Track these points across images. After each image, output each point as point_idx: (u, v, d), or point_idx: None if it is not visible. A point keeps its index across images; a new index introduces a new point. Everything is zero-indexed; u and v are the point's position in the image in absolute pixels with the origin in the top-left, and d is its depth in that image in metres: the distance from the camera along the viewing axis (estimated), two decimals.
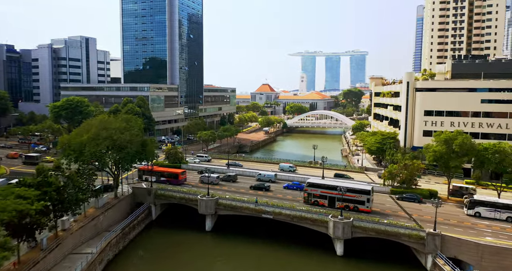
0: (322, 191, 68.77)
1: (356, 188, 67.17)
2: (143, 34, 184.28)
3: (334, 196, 66.58)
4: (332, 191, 67.00)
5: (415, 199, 73.46)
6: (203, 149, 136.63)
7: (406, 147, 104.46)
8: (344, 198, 64.86)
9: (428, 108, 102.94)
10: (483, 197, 67.34)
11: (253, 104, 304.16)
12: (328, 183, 70.71)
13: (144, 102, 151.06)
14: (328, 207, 67.10)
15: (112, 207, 69.82)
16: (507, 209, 63.05)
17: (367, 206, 65.17)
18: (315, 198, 69.17)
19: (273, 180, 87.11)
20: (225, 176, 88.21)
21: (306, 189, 70.68)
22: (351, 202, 66.10)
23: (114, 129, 65.90)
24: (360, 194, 65.81)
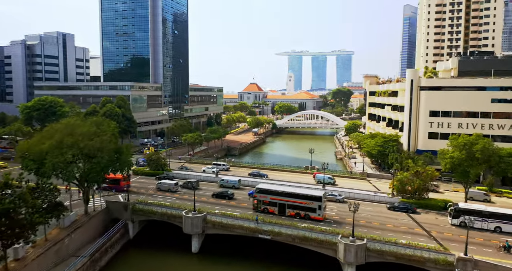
0: (272, 198, 63.39)
1: (306, 194, 61.86)
2: (124, 30, 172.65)
3: (284, 202, 62.00)
4: (282, 198, 62.35)
5: (408, 208, 66.36)
6: (189, 153, 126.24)
7: (410, 151, 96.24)
8: (294, 205, 60.89)
9: (433, 109, 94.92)
10: (469, 204, 61.34)
11: (241, 104, 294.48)
12: (278, 189, 65.47)
13: (125, 103, 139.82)
14: (278, 215, 62.24)
15: (82, 226, 59.30)
16: (496, 218, 57.52)
17: (318, 214, 60.16)
18: (264, 205, 63.95)
19: (236, 186, 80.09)
20: (185, 183, 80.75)
21: (256, 195, 64.92)
22: (302, 209, 61.30)
23: (81, 135, 55.35)
24: (311, 201, 60.69)
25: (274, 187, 67.59)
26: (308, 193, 62.73)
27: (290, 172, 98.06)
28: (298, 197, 61.44)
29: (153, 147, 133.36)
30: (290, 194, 62.41)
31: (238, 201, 72.04)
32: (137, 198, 70.48)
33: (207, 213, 60.00)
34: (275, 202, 63.02)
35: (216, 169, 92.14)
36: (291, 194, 62.33)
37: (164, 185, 77.53)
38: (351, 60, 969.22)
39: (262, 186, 67.53)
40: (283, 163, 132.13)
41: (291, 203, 61.51)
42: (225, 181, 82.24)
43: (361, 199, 71.96)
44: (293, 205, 61.12)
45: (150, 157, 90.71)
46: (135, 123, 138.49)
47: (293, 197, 61.76)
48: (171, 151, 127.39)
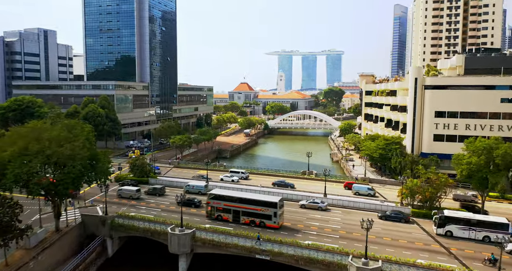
0: (226, 204, 59.52)
1: (261, 200, 58.00)
2: (109, 26, 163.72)
3: (239, 209, 58.29)
4: (236, 204, 58.56)
5: (400, 218, 60.83)
6: (177, 156, 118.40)
7: (414, 154, 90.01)
8: (249, 212, 57.08)
9: (439, 109, 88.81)
10: (455, 212, 56.37)
11: (231, 104, 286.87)
12: (232, 195, 61.54)
13: (109, 103, 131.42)
14: (233, 223, 58.29)
15: (51, 245, 51.48)
16: (484, 226, 53.07)
17: (274, 221, 56.32)
18: (218, 212, 60.00)
19: (203, 192, 74.31)
20: (150, 189, 74.61)
21: (209, 202, 61.08)
22: (257, 216, 57.38)
23: (49, 141, 47.47)
24: (267, 207, 56.69)
25: (228, 192, 63.55)
26: (263, 199, 58.92)
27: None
28: (252, 203, 57.55)
29: (139, 149, 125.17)
30: (245, 200, 58.49)
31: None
32: (117, 210, 62.83)
33: (196, 229, 52.53)
34: (229, 209, 59.11)
35: (234, 178, 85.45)
36: (246, 200, 58.40)
37: (126, 192, 71.08)
38: (341, 60, 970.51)
39: (216, 191, 63.51)
40: (277, 166, 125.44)
41: (246, 210, 57.69)
42: (190, 186, 76.34)
43: (367, 209, 65.53)
44: (247, 211, 57.32)
45: (134, 162, 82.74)
46: (119, 125, 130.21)
47: (248, 203, 57.83)
48: (157, 155, 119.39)
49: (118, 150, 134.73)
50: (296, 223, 59.85)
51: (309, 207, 66.94)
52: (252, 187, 77.35)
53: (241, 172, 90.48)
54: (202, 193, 74.21)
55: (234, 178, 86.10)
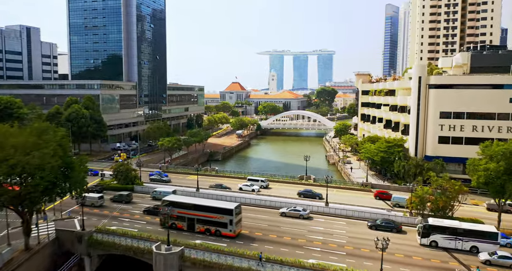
0: (180, 211, 55.72)
1: (216, 207, 54.82)
2: (94, 23, 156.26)
3: (193, 217, 54.94)
4: (191, 211, 55.10)
5: (392, 227, 56.44)
6: (166, 161, 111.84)
7: (418, 157, 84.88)
8: (204, 220, 53.90)
9: (444, 109, 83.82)
10: (441, 220, 52.01)
11: (223, 104, 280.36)
12: (185, 201, 57.96)
13: (93, 103, 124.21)
14: (187, 231, 54.99)
15: (20, 266, 44.97)
16: (472, 236, 49.57)
17: (230, 229, 53.21)
18: (172, 220, 55.37)
19: None
20: (115, 196, 69.32)
21: (161, 208, 55.94)
22: (212, 224, 54.21)
23: (14, 148, 40.90)
24: (222, 215, 53.47)
25: (182, 199, 59.68)
26: (217, 205, 55.62)
27: (285, 183, 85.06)
28: (207, 210, 54.31)
29: (125, 152, 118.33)
30: (199, 207, 55.12)
31: None
32: (97, 223, 56.39)
33: (185, 246, 46.34)
34: (184, 216, 55.48)
35: (255, 187, 77.78)
36: (200, 207, 55.05)
37: (88, 199, 64.40)
38: (332, 60, 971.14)
39: (170, 197, 59.39)
40: (271, 169, 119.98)
41: (201, 218, 54.57)
42: (157, 192, 70.11)
43: (356, 218, 61.17)
44: (202, 219, 54.20)
45: (118, 168, 76.07)
46: (105, 127, 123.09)
47: (202, 210, 54.54)
48: (144, 158, 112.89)
49: (104, 152, 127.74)
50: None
51: (290, 215, 62.29)
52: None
53: (261, 180, 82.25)
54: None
55: (255, 187, 77.82)
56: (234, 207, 53.76)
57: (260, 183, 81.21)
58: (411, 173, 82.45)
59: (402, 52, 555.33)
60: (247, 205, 66.22)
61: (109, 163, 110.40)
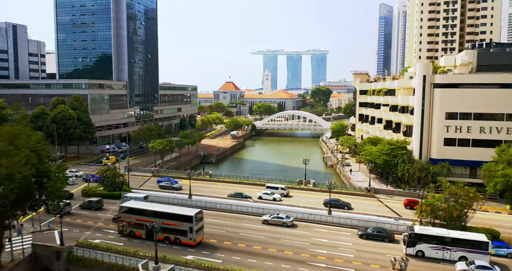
0: (138, 219, 52.59)
1: (175, 214, 51.54)
2: (82, 20, 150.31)
3: (152, 224, 49.00)
4: (149, 218, 51.33)
5: (384, 236, 52.51)
6: (157, 164, 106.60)
7: (423, 160, 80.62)
8: (163, 227, 49.35)
9: (450, 110, 79.62)
10: (428, 228, 49.36)
11: (216, 104, 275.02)
12: (143, 207, 54.34)
13: (81, 103, 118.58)
14: (146, 239, 51.66)
15: None
16: (461, 245, 46.35)
17: (190, 238, 50.12)
18: (130, 228, 53.05)
19: None
20: (85, 203, 65.67)
21: (120, 216, 54.07)
22: (172, 232, 50.93)
23: None
24: (181, 222, 50.33)
25: (141, 205, 55.94)
26: (177, 211, 52.10)
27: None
28: (166, 217, 51.07)
29: (114, 155, 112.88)
30: (158, 214, 51.83)
31: None
32: (80, 235, 51.25)
33: (175, 264, 41.41)
34: (142, 224, 51.79)
35: (276, 195, 71.60)
36: (159, 214, 51.79)
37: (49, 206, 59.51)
38: (326, 60, 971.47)
39: (128, 203, 55.99)
40: (268, 172, 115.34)
41: (160, 225, 49.70)
42: (128, 198, 65.34)
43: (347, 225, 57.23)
44: (162, 227, 49.34)
45: (104, 173, 70.80)
46: (93, 128, 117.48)
47: (161, 217, 51.03)
48: (133, 162, 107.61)
49: (92, 155, 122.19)
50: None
51: (273, 223, 58.25)
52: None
53: (281, 187, 75.66)
54: None
55: (276, 196, 71.27)
56: (194, 214, 50.27)
57: (280, 191, 74.54)
58: (416, 177, 78.28)
59: (396, 52, 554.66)
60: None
61: (97, 166, 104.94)
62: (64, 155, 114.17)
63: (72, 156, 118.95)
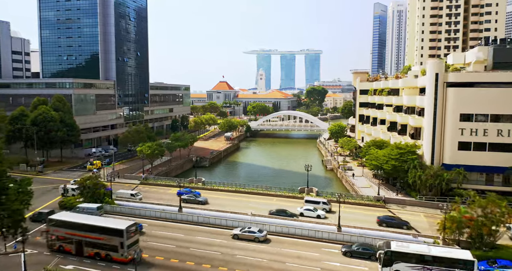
0: (67, 232, 47.93)
1: (104, 227, 46.57)
2: (67, 15, 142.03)
3: (81, 238, 47.20)
4: (78, 232, 47.21)
5: (370, 254, 46.74)
6: (146, 169, 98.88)
7: (435, 165, 74.00)
8: (93, 242, 46.01)
9: (465, 111, 73.05)
10: (405, 245, 43.56)
11: (210, 104, 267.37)
12: (73, 220, 49.10)
13: (64, 104, 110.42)
14: (76, 255, 47.19)
15: None
16: (443, 264, 40.82)
17: (121, 254, 45.08)
18: (60, 242, 48.30)
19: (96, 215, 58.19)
20: (35, 214, 59.38)
21: (48, 229, 49.31)
22: (102, 247, 46.07)
23: None
24: (111, 236, 45.43)
25: (72, 217, 50.50)
26: (106, 225, 46.87)
27: (282, 197, 73.13)
28: (95, 231, 46.42)
29: (100, 159, 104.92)
30: (87, 227, 47.05)
31: None
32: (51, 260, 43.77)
33: None
34: (71, 238, 47.54)
35: (320, 212, 62.82)
36: (88, 227, 47.03)
37: None
38: (320, 59, 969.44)
39: (57, 216, 50.61)
40: (266, 177, 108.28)
41: (89, 239, 46.74)
42: (80, 208, 59.82)
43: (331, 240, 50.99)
44: (91, 241, 46.43)
45: (83, 183, 63.07)
46: (77, 130, 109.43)
47: (90, 231, 46.69)
48: (120, 167, 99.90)
49: (77, 159, 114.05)
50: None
51: (244, 237, 52.19)
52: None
53: (322, 202, 66.14)
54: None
55: (320, 213, 62.12)
56: (125, 227, 44.95)
57: (321, 206, 65.45)
58: (428, 185, 71.67)
59: (391, 51, 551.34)
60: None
61: (81, 172, 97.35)
62: (45, 160, 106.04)
63: (55, 161, 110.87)
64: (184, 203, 67.64)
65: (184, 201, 68.54)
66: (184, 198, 69.21)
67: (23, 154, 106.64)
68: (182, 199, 68.63)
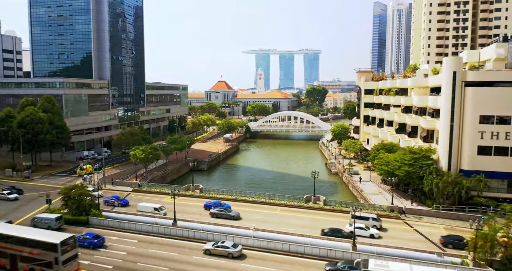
0: (2, 246, 43.39)
1: (36, 240, 41.73)
2: (59, 12, 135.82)
3: (15, 253, 42.49)
4: (13, 246, 42.52)
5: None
6: (140, 174, 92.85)
7: (453, 172, 68.19)
8: (28, 257, 41.42)
9: (485, 113, 67.24)
10: (385, 264, 38.11)
11: (208, 105, 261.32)
12: (6, 232, 44.05)
13: (53, 105, 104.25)
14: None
15: None
16: None
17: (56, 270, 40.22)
18: None
19: (53, 227, 53.92)
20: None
21: None
22: (36, 262, 41.27)
23: None
24: (44, 250, 40.88)
25: (6, 228, 45.62)
26: (39, 238, 41.97)
27: (287, 206, 67.09)
28: (29, 244, 41.92)
29: (91, 164, 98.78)
30: (20, 240, 42.52)
31: None
32: None
33: None
34: (5, 252, 43.01)
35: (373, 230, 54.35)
36: (21, 240, 42.48)
37: None
38: (318, 59, 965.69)
39: None
40: (267, 182, 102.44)
41: (24, 254, 42.05)
42: (39, 219, 55.45)
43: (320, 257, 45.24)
44: (26, 256, 41.83)
45: (68, 193, 56.83)
46: (67, 133, 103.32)
47: (24, 245, 42.24)
48: (112, 171, 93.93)
49: (68, 163, 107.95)
50: None
51: (216, 253, 47.06)
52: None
53: (372, 218, 57.60)
54: (52, 228, 53.53)
55: (374, 231, 53.91)
56: (59, 241, 40.42)
57: (371, 222, 56.89)
58: (446, 193, 65.85)
59: (391, 50, 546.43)
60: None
61: (70, 177, 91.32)
62: (32, 165, 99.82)
63: (45, 165, 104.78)
64: (214, 217, 60.79)
65: (213, 215, 61.62)
66: (213, 212, 62.03)
67: (11, 157, 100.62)
68: (211, 213, 61.94)
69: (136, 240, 50.65)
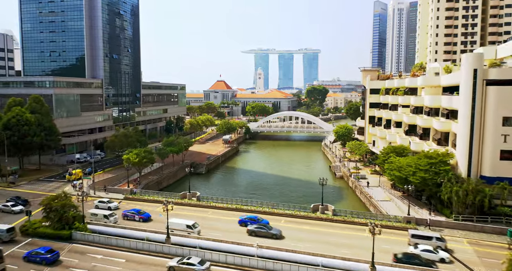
0: None
1: None
2: (50, 7, 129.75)
3: None
4: None
5: None
6: (134, 179, 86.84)
7: (473, 179, 62.44)
8: None
9: (509, 114, 61.53)
10: None
11: (207, 105, 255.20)
12: None
13: (42, 105, 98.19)
14: None
15: None
16: None
17: None
18: None
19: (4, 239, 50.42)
20: None
21: None
22: None
23: None
24: None
25: None
26: None
27: (292, 216, 61.16)
28: None
29: (81, 168, 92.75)
30: None
31: None
32: None
33: None
34: None
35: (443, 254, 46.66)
36: None
37: None
38: (318, 59, 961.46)
39: None
40: (269, 187, 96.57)
41: None
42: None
43: None
44: None
45: (49, 204, 50.78)
46: (56, 135, 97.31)
47: None
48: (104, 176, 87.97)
49: (57, 167, 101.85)
50: None
51: (181, 270, 42.48)
52: None
53: (435, 237, 50.36)
54: (3, 240, 49.97)
55: (444, 255, 46.41)
56: None
57: (435, 242, 49.52)
58: (467, 201, 60.08)
59: (391, 50, 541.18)
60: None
61: (59, 182, 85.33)
62: (18, 169, 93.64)
63: (33, 169, 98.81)
64: (253, 236, 52.85)
65: (252, 233, 53.62)
66: (251, 230, 53.98)
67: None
68: (248, 231, 54.05)
69: (124, 259, 44.65)
